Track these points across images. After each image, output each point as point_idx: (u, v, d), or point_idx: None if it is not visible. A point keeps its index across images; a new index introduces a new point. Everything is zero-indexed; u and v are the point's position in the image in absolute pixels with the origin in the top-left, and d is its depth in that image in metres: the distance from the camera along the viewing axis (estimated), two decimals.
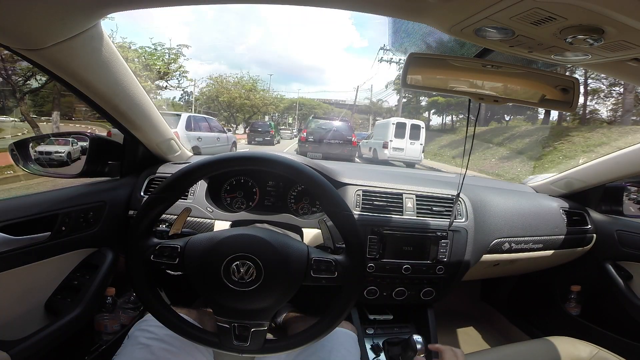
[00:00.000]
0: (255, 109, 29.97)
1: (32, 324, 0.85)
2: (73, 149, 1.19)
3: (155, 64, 14.80)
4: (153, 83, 14.45)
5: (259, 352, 0.65)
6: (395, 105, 32.87)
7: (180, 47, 16.75)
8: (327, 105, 44.52)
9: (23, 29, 0.59)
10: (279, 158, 0.66)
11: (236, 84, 28.47)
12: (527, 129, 14.17)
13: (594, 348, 0.91)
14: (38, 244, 0.82)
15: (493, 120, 21.24)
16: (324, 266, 0.65)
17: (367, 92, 49.50)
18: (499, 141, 13.28)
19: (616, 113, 14.01)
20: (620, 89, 12.60)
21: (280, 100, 35.37)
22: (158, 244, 0.65)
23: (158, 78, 15.04)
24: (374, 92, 40.09)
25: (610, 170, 1.25)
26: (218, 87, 28.32)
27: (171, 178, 0.65)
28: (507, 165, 10.91)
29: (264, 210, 1.18)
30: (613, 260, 1.32)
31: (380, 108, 37.94)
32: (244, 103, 28.38)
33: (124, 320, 1.13)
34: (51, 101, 9.40)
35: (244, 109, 29.26)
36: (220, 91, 27.90)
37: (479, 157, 12.28)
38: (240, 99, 28.02)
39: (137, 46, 14.51)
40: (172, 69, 15.77)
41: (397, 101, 27.72)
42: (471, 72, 0.71)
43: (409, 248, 1.06)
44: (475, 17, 0.49)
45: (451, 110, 23.77)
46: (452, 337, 1.64)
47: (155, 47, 15.15)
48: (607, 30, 0.45)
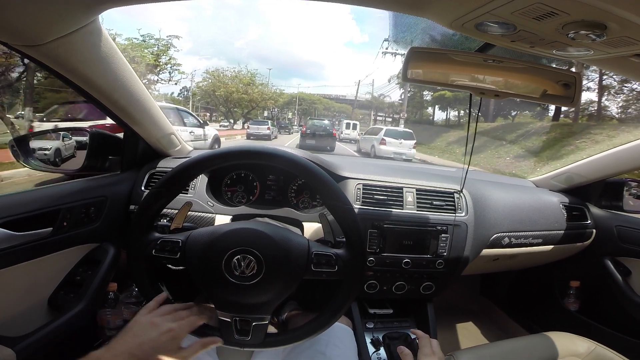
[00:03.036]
0: (253, 104, 29.43)
1: (36, 320, 0.85)
2: (65, 145, 1.11)
3: (143, 57, 14.18)
4: (143, 77, 13.96)
5: (260, 346, 0.66)
6: (398, 100, 31.84)
7: (170, 38, 16.00)
8: (328, 101, 43.89)
9: (22, 25, 0.59)
10: (280, 152, 0.66)
11: (234, 78, 28.02)
12: (542, 125, 13.70)
13: (591, 344, 0.92)
14: (40, 240, 0.82)
15: (499, 116, 20.61)
16: (324, 260, 0.65)
17: (368, 86, 48.04)
18: (511, 138, 12.85)
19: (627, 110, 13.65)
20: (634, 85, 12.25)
21: (279, 95, 34.62)
22: (159, 238, 0.65)
23: (147, 71, 14.46)
24: (376, 87, 38.87)
25: (610, 165, 1.25)
26: (214, 81, 27.08)
27: (172, 172, 0.65)
28: (525, 164, 10.49)
29: (265, 204, 1.18)
30: (612, 256, 1.33)
31: (382, 103, 37.03)
32: (241, 97, 27.89)
33: (126, 316, 1.13)
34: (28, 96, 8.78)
35: (242, 103, 28.80)
36: (217, 85, 27.40)
37: (492, 155, 11.95)
38: (238, 94, 27.50)
39: (123, 38, 13.99)
40: (162, 62, 15.17)
41: (400, 96, 27.17)
42: (472, 67, 0.71)
43: (409, 242, 1.06)
44: (476, 11, 0.49)
45: (458, 105, 23.11)
46: (451, 332, 1.65)
47: (144, 38, 14.60)
48: (609, 26, 0.45)
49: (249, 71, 29.30)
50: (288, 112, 43.75)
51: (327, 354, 0.78)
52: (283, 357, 0.80)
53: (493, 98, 0.74)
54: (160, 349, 0.56)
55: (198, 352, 0.61)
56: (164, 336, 0.57)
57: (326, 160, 1.15)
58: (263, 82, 30.16)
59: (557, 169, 1.44)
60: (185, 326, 0.61)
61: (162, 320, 0.59)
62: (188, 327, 0.61)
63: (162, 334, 0.58)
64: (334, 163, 1.16)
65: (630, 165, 1.20)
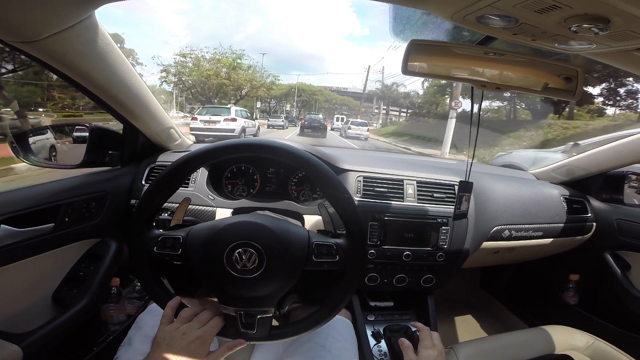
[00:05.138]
0: (239, 93, 23.72)
1: (41, 316, 0.86)
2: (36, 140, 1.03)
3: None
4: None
5: (266, 339, 0.66)
6: (416, 90, 27.72)
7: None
8: (329, 92, 42.22)
9: (17, 21, 0.58)
10: (280, 145, 0.66)
11: (212, 61, 21.84)
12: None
13: (590, 338, 0.92)
14: (42, 236, 0.83)
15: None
16: (325, 250, 0.65)
17: (376, 74, 43.59)
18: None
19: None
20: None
21: (273, 83, 27.21)
22: (160, 235, 0.65)
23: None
24: (386, 75, 33.45)
25: (612, 158, 1.24)
26: (182, 63, 20.94)
27: (172, 166, 0.65)
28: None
29: (265, 197, 1.19)
30: (612, 250, 1.32)
31: (396, 93, 31.67)
32: (222, 84, 21.86)
33: (129, 310, 1.15)
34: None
35: (227, 91, 22.89)
36: (191, 69, 20.97)
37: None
38: (217, 79, 21.49)
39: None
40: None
41: (422, 84, 23.90)
42: (473, 60, 0.70)
43: (410, 235, 1.07)
44: (478, 4, 0.48)
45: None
46: (451, 325, 1.67)
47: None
48: (613, 20, 0.44)
49: (234, 52, 22.88)
50: (286, 104, 40.20)
51: (327, 347, 0.78)
52: (283, 349, 0.81)
53: (494, 91, 0.73)
54: (193, 356, 0.59)
55: (225, 354, 0.63)
56: (194, 343, 0.60)
57: (326, 153, 1.15)
58: (251, 65, 24.18)
59: (558, 162, 1.43)
60: (211, 330, 0.63)
61: (190, 329, 0.62)
62: (214, 331, 0.64)
63: (193, 341, 0.60)
64: (334, 156, 1.16)
65: (631, 158, 1.19)
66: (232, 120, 10.60)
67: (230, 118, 10.60)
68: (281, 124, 23.07)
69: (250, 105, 25.20)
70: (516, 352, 0.88)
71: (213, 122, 10.36)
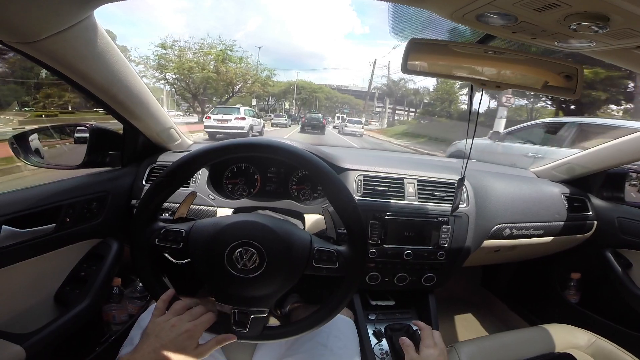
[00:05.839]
0: (230, 88, 20.92)
1: (44, 316, 0.86)
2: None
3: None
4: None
5: (257, 339, 0.66)
6: (426, 87, 25.23)
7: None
8: (330, 90, 41.54)
9: (16, 22, 0.58)
10: (281, 145, 0.66)
11: (198, 52, 19.36)
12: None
13: (591, 336, 0.92)
14: (44, 236, 0.83)
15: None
16: (325, 256, 0.65)
17: (382, 69, 41.14)
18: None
19: None
20: None
21: (268, 78, 24.04)
22: (162, 227, 0.66)
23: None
24: (392, 70, 30.15)
25: (612, 156, 1.24)
26: (163, 55, 18.36)
27: (176, 163, 0.65)
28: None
29: (266, 196, 1.19)
30: (613, 248, 1.32)
31: (405, 89, 28.86)
32: (208, 77, 19.26)
33: (131, 310, 1.15)
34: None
35: (217, 86, 20.50)
36: (167, 64, 18.39)
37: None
38: (203, 72, 18.90)
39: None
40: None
41: (435, 82, 21.62)
42: (473, 58, 0.70)
43: (411, 233, 1.07)
44: (477, 2, 0.48)
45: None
46: (452, 323, 1.67)
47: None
48: (612, 18, 0.44)
49: (223, 42, 20.07)
50: (285, 101, 38.02)
51: (329, 346, 0.79)
52: (285, 348, 0.81)
53: (494, 90, 0.73)
54: (180, 349, 0.59)
55: (214, 348, 0.63)
56: (182, 336, 0.60)
57: (327, 152, 1.15)
58: (243, 57, 21.15)
59: (559, 160, 1.43)
60: (202, 325, 0.63)
61: (180, 321, 0.62)
62: (204, 326, 0.64)
63: (181, 334, 0.60)
64: (334, 155, 1.16)
65: (632, 156, 1.19)
66: (241, 119, 11.82)
67: (240, 117, 11.82)
68: (284, 122, 24.13)
69: (246, 102, 22.74)
70: (518, 351, 0.87)
71: (225, 120, 11.50)
